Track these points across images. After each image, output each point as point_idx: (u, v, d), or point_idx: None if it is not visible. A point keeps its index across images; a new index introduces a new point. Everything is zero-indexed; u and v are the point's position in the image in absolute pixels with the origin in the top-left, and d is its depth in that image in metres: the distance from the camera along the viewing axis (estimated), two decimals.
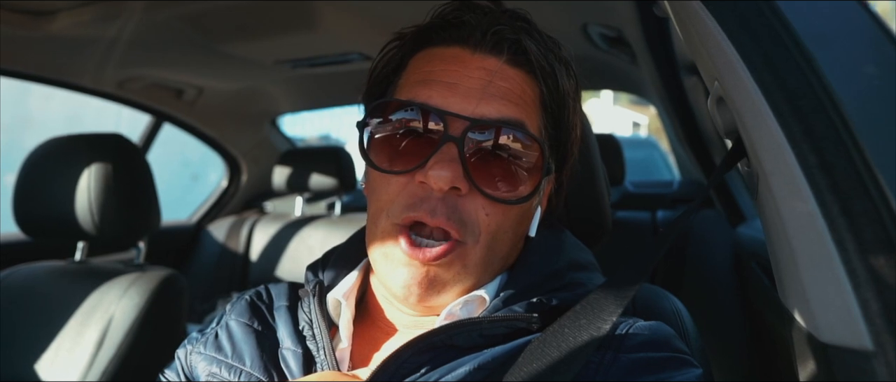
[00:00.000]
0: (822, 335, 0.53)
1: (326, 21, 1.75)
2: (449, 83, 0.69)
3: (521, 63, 0.71)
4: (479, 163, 0.67)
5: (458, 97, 0.68)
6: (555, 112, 0.74)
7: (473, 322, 0.67)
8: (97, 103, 2.30)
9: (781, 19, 0.58)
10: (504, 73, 0.70)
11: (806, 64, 0.55)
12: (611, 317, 0.62)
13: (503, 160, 0.68)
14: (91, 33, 1.69)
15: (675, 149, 3.29)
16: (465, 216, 0.67)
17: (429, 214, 0.66)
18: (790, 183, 0.54)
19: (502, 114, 0.67)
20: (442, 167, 0.65)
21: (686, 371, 0.64)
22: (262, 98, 2.66)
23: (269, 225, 2.77)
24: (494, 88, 0.69)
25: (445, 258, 0.67)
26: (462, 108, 0.67)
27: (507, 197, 0.68)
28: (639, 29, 1.74)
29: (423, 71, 0.72)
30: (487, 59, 0.71)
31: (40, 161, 1.59)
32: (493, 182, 0.67)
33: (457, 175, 0.65)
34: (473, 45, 0.71)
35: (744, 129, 0.60)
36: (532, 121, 0.71)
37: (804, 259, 0.54)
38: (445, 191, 0.66)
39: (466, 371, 0.63)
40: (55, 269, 1.65)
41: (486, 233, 0.68)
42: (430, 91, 0.69)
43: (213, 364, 0.77)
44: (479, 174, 0.67)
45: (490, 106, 0.67)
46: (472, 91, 0.68)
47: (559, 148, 0.76)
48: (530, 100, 0.71)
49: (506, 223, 0.70)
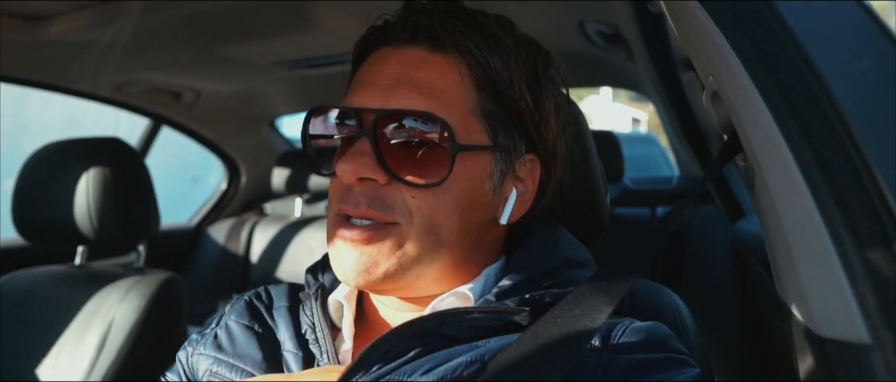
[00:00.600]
0: (820, 329, 0.53)
1: (323, 22, 1.75)
2: (367, 83, 0.72)
3: (440, 48, 0.72)
4: (397, 153, 0.68)
5: (372, 94, 0.70)
6: (490, 89, 0.72)
7: (464, 311, 0.67)
8: (96, 107, 2.30)
9: (776, 14, 0.58)
10: (422, 62, 0.71)
11: (801, 59, 0.55)
12: (606, 309, 0.61)
13: (417, 147, 0.69)
14: (87, 37, 1.69)
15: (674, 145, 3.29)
16: (389, 201, 0.69)
17: (352, 206, 0.69)
18: (786, 177, 0.54)
19: (412, 102, 0.69)
20: (346, 161, 0.68)
21: (683, 371, 0.64)
22: (260, 100, 2.66)
23: (268, 227, 2.77)
24: (407, 80, 0.70)
25: (375, 238, 0.69)
26: (371, 103, 0.70)
27: (423, 180, 0.68)
28: (635, 25, 1.74)
29: (355, 78, 0.76)
30: (407, 51, 0.73)
31: (38, 166, 1.59)
32: (411, 168, 0.69)
33: (364, 166, 0.67)
34: (396, 41, 0.74)
35: (739, 124, 0.60)
36: (455, 104, 0.70)
37: (801, 253, 0.54)
38: (356, 182, 0.69)
39: (458, 361, 0.64)
40: (55, 274, 1.65)
41: (419, 215, 0.69)
42: (353, 94, 0.73)
43: (213, 363, 0.78)
44: (397, 162, 0.68)
45: (399, 98, 0.69)
46: (385, 86, 0.70)
47: (513, 125, 0.74)
48: (455, 83, 0.71)
49: (442, 206, 0.70)
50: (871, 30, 0.59)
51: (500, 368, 0.59)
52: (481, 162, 0.72)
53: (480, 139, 0.72)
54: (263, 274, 2.68)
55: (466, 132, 0.70)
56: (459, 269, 0.74)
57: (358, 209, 0.69)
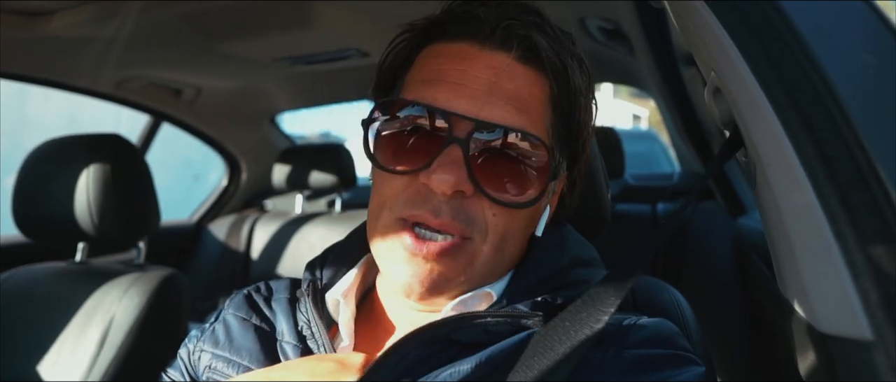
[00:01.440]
0: (822, 326, 0.52)
1: (323, 18, 1.75)
2: (455, 83, 0.67)
3: (530, 60, 0.69)
4: (485, 165, 0.66)
5: (463, 98, 0.66)
6: (566, 110, 0.71)
7: (476, 315, 0.66)
8: (96, 104, 2.30)
9: (778, 9, 0.57)
10: (512, 72, 0.68)
11: (803, 54, 0.55)
12: (610, 308, 0.61)
13: (510, 162, 0.67)
14: (88, 33, 1.69)
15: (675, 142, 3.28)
16: (472, 215, 0.67)
17: (432, 214, 0.66)
18: (788, 173, 0.53)
19: (508, 116, 0.66)
20: (445, 170, 0.64)
21: (688, 368, 0.64)
22: (260, 96, 2.66)
23: (269, 223, 2.77)
24: (500, 89, 0.67)
25: (451, 254, 0.66)
26: (467, 109, 0.66)
27: (514, 200, 0.67)
28: (636, 21, 1.74)
29: (429, 69, 0.70)
30: (496, 55, 0.69)
31: (39, 162, 1.59)
32: (499, 184, 0.67)
33: (460, 178, 0.64)
34: (481, 41, 0.69)
35: (741, 120, 0.60)
36: (540, 122, 0.69)
37: (803, 250, 0.54)
38: (449, 194, 0.65)
39: (470, 367, 0.63)
40: (56, 270, 1.65)
41: (494, 233, 0.68)
42: (436, 91, 0.67)
43: (211, 358, 0.78)
44: (485, 176, 0.66)
45: (495, 108, 0.66)
46: (478, 92, 0.66)
47: (569, 146, 0.74)
48: (539, 99, 0.69)
49: (515, 224, 0.69)
50: (875, 25, 0.59)
51: (510, 370, 0.60)
52: None
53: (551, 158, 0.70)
54: (264, 271, 2.68)
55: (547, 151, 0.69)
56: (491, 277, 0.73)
57: (440, 219, 0.66)
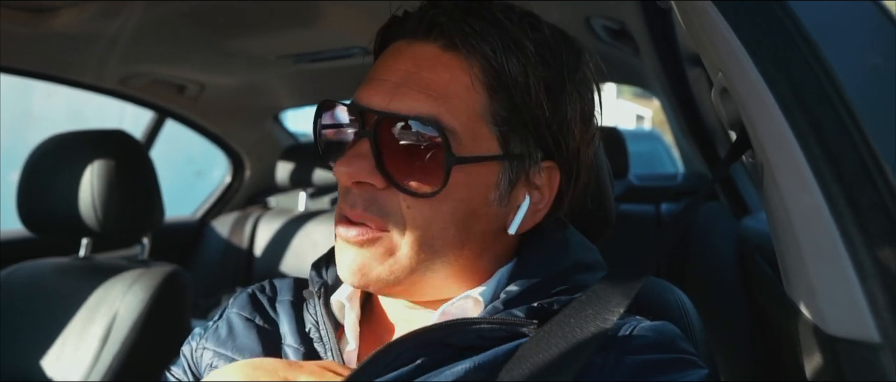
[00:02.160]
0: (829, 328, 0.52)
1: (328, 16, 1.75)
2: (375, 78, 0.69)
3: (453, 47, 0.68)
4: (397, 157, 0.66)
5: (377, 92, 0.67)
6: (506, 95, 0.68)
7: (471, 322, 0.66)
8: (100, 100, 2.30)
9: (786, 9, 0.57)
10: (434, 61, 0.68)
11: (811, 54, 0.55)
12: (618, 309, 0.61)
13: (418, 153, 0.66)
14: (93, 29, 1.69)
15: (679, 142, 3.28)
16: (386, 208, 0.67)
17: (349, 206, 0.68)
18: (795, 175, 0.53)
19: (419, 105, 0.65)
20: (344, 162, 0.66)
21: (691, 372, 0.63)
22: (264, 93, 2.66)
23: (272, 221, 2.77)
24: (416, 80, 0.67)
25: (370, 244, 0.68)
26: (378, 102, 0.67)
27: (420, 190, 0.66)
28: (642, 21, 1.73)
29: (369, 72, 0.73)
30: (422, 47, 0.69)
31: (43, 158, 1.59)
32: (410, 175, 0.66)
33: (363, 169, 0.65)
34: (411, 36, 0.70)
35: (748, 121, 0.60)
36: (462, 109, 0.67)
37: (810, 251, 0.53)
38: (354, 185, 0.67)
39: (464, 369, 0.63)
40: (59, 266, 1.65)
41: (412, 226, 0.67)
42: (362, 90, 0.70)
43: (214, 356, 0.77)
44: (396, 167, 0.66)
45: (406, 98, 0.66)
46: (391, 84, 0.67)
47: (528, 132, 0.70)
48: (465, 85, 0.67)
49: (437, 217, 0.67)
50: (883, 25, 0.59)
51: (511, 371, 0.59)
52: (486, 171, 0.69)
53: (489, 147, 0.68)
54: (267, 268, 2.68)
55: (473, 139, 0.67)
56: (466, 274, 0.72)
57: (354, 210, 0.68)
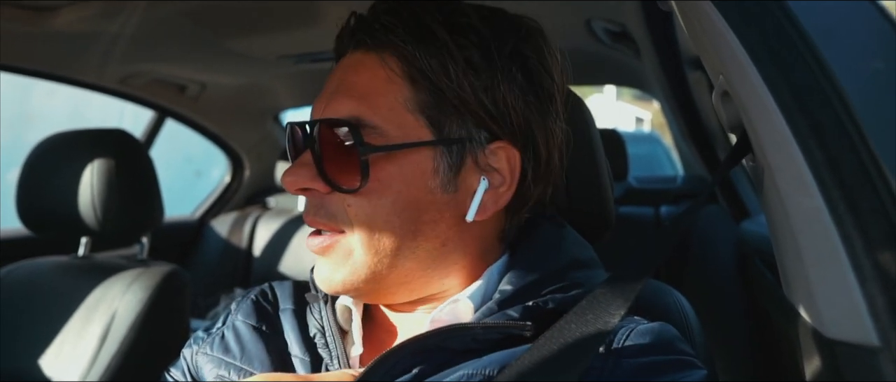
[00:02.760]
0: (828, 331, 0.52)
1: (329, 16, 1.75)
2: (320, 94, 0.73)
3: (373, 47, 0.71)
4: (334, 161, 0.69)
5: (318, 104, 0.72)
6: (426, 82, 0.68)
7: (466, 327, 0.66)
8: (100, 99, 2.30)
9: (787, 13, 0.57)
10: (357, 66, 0.71)
11: (812, 58, 0.55)
12: (619, 312, 0.61)
13: (347, 153, 0.68)
14: (94, 29, 1.69)
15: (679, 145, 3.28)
16: (332, 209, 0.70)
17: (307, 214, 0.72)
18: (796, 178, 0.53)
19: (340, 110, 0.69)
20: (288, 172, 0.70)
21: (690, 373, 0.63)
22: (265, 94, 2.66)
23: (271, 221, 2.77)
24: (343, 85, 0.71)
25: (330, 250, 0.71)
26: (315, 114, 0.72)
27: (350, 186, 0.68)
28: (643, 24, 1.73)
29: None
30: (350, 56, 0.73)
31: (43, 156, 1.59)
32: (341, 176, 0.68)
33: (303, 176, 0.69)
34: (348, 47, 0.75)
35: (749, 124, 0.60)
36: (384, 103, 0.68)
37: (810, 255, 0.54)
38: (304, 192, 0.71)
39: (462, 375, 0.63)
40: (58, 265, 1.65)
41: (356, 223, 0.69)
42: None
43: (221, 366, 0.77)
44: (333, 170, 0.69)
45: (338, 103, 0.69)
46: (327, 95, 0.72)
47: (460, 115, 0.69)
48: (383, 80, 0.69)
49: (378, 212, 0.68)
50: (884, 29, 0.59)
51: (512, 378, 0.59)
52: (418, 158, 0.68)
53: (419, 135, 0.68)
54: (266, 269, 2.68)
55: (400, 129, 0.68)
56: (436, 268, 0.71)
57: (309, 217, 0.72)
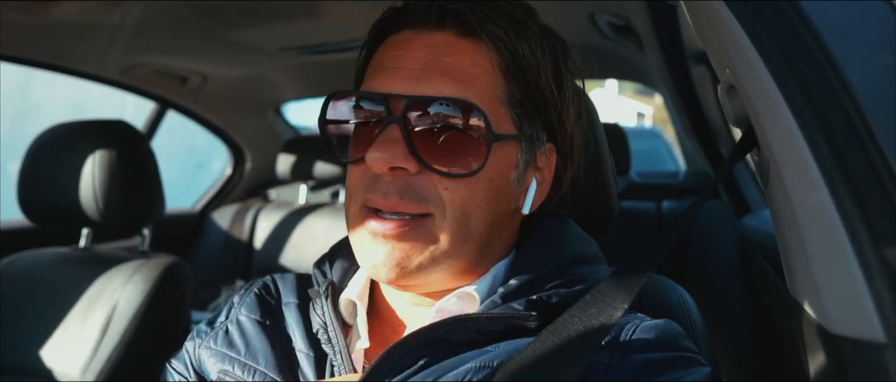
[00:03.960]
0: (833, 327, 0.52)
1: (332, 8, 1.74)
2: (393, 68, 0.69)
3: (468, 33, 0.70)
4: (428, 140, 0.66)
5: (398, 79, 0.68)
6: (520, 78, 0.71)
7: (470, 318, 0.66)
8: (102, 90, 2.29)
9: (796, 7, 0.57)
10: (451, 48, 0.69)
11: (820, 52, 0.55)
12: (622, 305, 0.61)
13: (453, 133, 0.67)
14: (95, 19, 1.68)
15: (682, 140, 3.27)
16: (423, 191, 0.67)
17: (381, 196, 0.67)
18: (802, 173, 0.53)
19: (445, 88, 0.67)
20: (377, 148, 0.65)
21: (694, 370, 0.63)
22: (266, 85, 2.65)
23: (273, 213, 2.77)
24: (437, 65, 0.68)
25: (409, 233, 0.67)
26: (402, 88, 0.67)
27: (458, 170, 0.67)
28: (647, 17, 1.73)
29: (375, 62, 0.73)
30: (434, 35, 0.70)
31: (44, 147, 1.59)
32: (444, 157, 0.67)
33: (396, 154, 0.65)
34: (420, 25, 0.71)
35: (755, 118, 0.60)
36: (488, 91, 0.69)
37: (816, 250, 0.53)
38: (388, 172, 0.66)
39: (467, 368, 0.63)
40: (60, 256, 1.65)
41: (451, 207, 0.67)
42: (377, 79, 0.70)
43: (224, 361, 0.76)
44: (429, 151, 0.66)
45: (430, 83, 0.67)
46: (413, 71, 0.68)
47: (537, 114, 0.73)
48: (484, 69, 0.69)
49: (474, 197, 0.68)
50: (892, 23, 0.58)
51: (516, 370, 0.59)
52: (509, 151, 0.71)
53: (508, 128, 0.70)
54: (267, 261, 2.68)
55: (496, 121, 0.68)
56: (480, 261, 0.72)
57: (388, 200, 0.67)
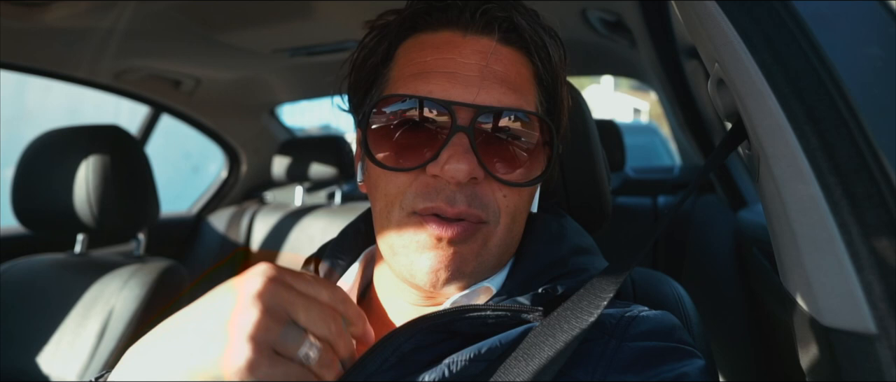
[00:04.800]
0: (825, 318, 0.52)
1: (323, 9, 1.74)
2: (447, 72, 0.67)
3: (512, 40, 0.70)
4: (490, 149, 0.67)
5: (458, 86, 0.66)
6: (549, 86, 0.73)
7: (476, 308, 0.66)
8: (97, 95, 2.29)
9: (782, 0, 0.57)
10: (498, 54, 0.69)
11: (808, 44, 0.55)
12: (608, 295, 0.62)
13: (511, 143, 0.68)
14: (86, 24, 1.68)
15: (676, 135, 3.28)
16: (485, 200, 0.67)
17: (447, 203, 0.66)
18: (792, 165, 0.53)
19: (503, 98, 0.67)
20: (458, 160, 0.64)
21: (688, 362, 0.63)
22: (260, 87, 2.65)
23: (269, 216, 2.77)
24: (491, 72, 0.68)
25: (468, 237, 0.67)
26: (465, 96, 0.66)
27: (521, 179, 0.68)
28: (638, 13, 1.73)
29: (416, 62, 0.70)
30: (480, 40, 0.69)
31: (38, 153, 1.58)
32: (506, 166, 0.68)
33: (473, 165, 0.65)
34: (464, 27, 0.70)
35: (744, 111, 0.60)
36: (531, 99, 0.71)
37: (806, 242, 0.53)
38: (464, 182, 0.65)
39: (470, 357, 0.63)
40: (55, 262, 1.64)
41: (505, 215, 0.69)
42: (429, 83, 0.67)
43: None
44: (492, 160, 0.67)
45: (491, 91, 0.67)
46: (471, 78, 0.67)
47: (554, 119, 0.75)
48: (526, 78, 0.71)
49: (521, 204, 0.70)
50: (880, 14, 0.58)
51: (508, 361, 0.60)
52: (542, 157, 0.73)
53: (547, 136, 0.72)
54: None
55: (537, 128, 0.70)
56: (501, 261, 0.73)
57: (455, 207, 0.66)
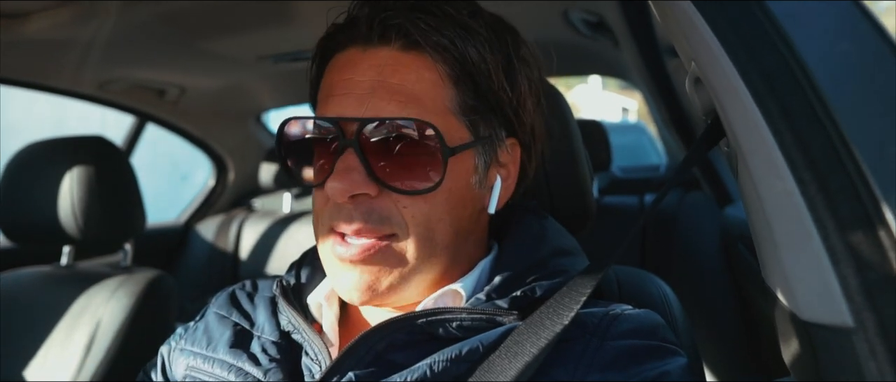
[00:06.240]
0: (803, 313, 0.53)
1: (304, 15, 1.74)
2: (342, 94, 0.68)
3: (413, 46, 0.68)
4: (385, 162, 0.66)
5: (349, 105, 0.67)
6: (471, 83, 0.70)
7: (453, 311, 0.66)
8: (82, 106, 2.27)
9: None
10: (396, 64, 0.68)
11: (782, 42, 0.55)
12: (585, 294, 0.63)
13: (406, 153, 0.66)
14: (67, 35, 1.67)
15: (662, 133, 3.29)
16: (385, 213, 0.67)
17: (346, 222, 0.67)
18: (768, 161, 0.53)
19: (393, 108, 0.66)
20: (336, 179, 0.65)
21: (671, 360, 0.64)
22: (245, 95, 2.64)
23: (257, 223, 2.76)
24: (384, 85, 0.67)
25: (376, 257, 0.67)
26: (353, 112, 0.66)
27: (418, 187, 0.67)
28: (619, 13, 1.74)
29: (325, 86, 0.72)
30: (379, 52, 0.69)
31: (21, 165, 1.57)
32: (401, 176, 0.66)
33: (355, 182, 0.65)
34: (364, 42, 0.70)
35: (721, 108, 0.60)
36: (434, 105, 0.68)
37: (783, 237, 0.54)
38: (349, 200, 0.66)
39: (448, 357, 0.63)
40: (41, 275, 1.63)
41: (413, 224, 0.67)
42: (328, 105, 0.69)
43: (191, 357, 0.77)
44: (386, 172, 0.66)
45: (380, 102, 0.66)
46: (362, 95, 0.67)
47: (493, 114, 0.72)
48: (431, 82, 0.68)
49: (435, 211, 0.68)
50: (852, 11, 0.59)
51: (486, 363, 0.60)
52: (466, 159, 0.71)
53: (462, 136, 0.70)
54: (253, 271, 2.66)
55: (449, 132, 0.68)
56: (456, 261, 0.73)
57: (353, 225, 0.67)
